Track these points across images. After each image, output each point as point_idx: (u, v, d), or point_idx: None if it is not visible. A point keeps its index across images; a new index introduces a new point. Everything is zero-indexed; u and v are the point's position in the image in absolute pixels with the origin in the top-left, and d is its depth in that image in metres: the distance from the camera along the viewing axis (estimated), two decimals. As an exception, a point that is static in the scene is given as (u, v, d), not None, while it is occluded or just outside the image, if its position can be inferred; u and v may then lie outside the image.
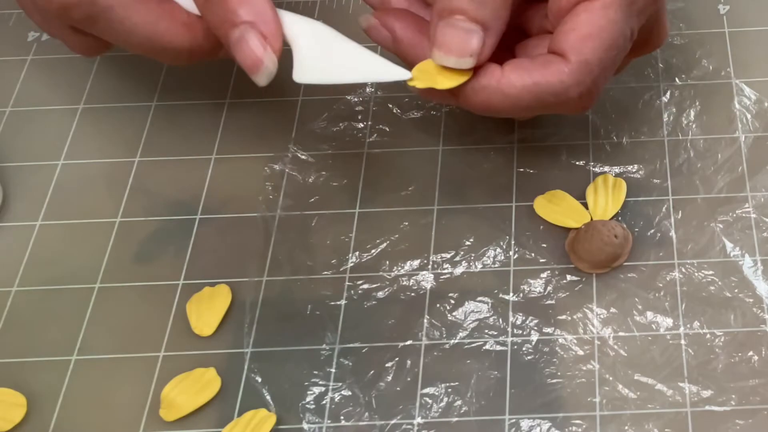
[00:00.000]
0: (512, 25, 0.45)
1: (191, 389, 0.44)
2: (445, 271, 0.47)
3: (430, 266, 0.47)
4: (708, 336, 0.45)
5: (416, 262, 0.47)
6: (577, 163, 0.50)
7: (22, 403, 0.44)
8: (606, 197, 0.48)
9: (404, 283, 0.47)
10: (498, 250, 0.48)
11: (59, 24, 0.46)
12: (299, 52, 0.43)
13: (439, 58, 0.43)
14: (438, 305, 0.46)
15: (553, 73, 0.43)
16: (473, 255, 0.48)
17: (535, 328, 0.45)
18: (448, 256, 0.48)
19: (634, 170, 0.50)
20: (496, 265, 0.47)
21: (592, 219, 0.48)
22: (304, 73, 0.42)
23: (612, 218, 0.48)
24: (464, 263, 0.47)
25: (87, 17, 0.44)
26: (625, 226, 0.47)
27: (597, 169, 0.50)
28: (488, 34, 0.43)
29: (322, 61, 0.42)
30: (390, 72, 0.43)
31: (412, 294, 0.47)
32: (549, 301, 0.46)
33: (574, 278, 0.47)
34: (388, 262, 0.47)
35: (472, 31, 0.43)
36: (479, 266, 0.47)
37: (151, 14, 0.44)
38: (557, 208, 0.48)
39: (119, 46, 0.46)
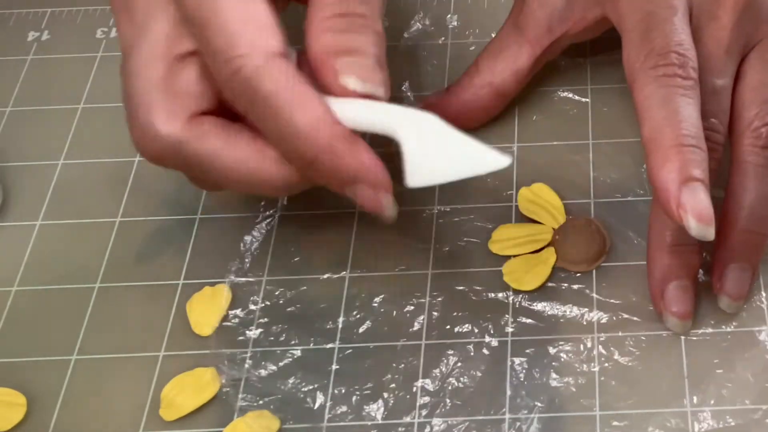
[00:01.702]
0: None
1: (191, 389, 0.44)
2: (446, 270, 0.47)
3: (430, 266, 0.47)
4: (708, 334, 0.45)
5: (417, 262, 0.47)
6: (578, 162, 0.50)
7: (22, 403, 0.44)
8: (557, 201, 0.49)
9: (405, 282, 0.47)
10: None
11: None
12: (409, 155, 0.41)
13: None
14: (439, 305, 0.46)
15: None
16: (474, 255, 0.47)
17: (535, 327, 0.45)
18: (449, 255, 0.48)
19: (633, 169, 0.50)
20: (496, 265, 0.47)
21: (570, 218, 0.48)
22: (416, 176, 0.41)
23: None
24: (464, 263, 0.47)
25: (178, 165, 0.43)
26: (603, 227, 0.47)
27: (596, 172, 0.50)
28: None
29: (433, 161, 0.41)
30: (495, 161, 0.41)
31: (413, 294, 0.46)
32: (549, 301, 0.46)
33: (574, 278, 0.46)
34: (388, 262, 0.47)
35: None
36: (479, 265, 0.47)
37: (240, 156, 0.42)
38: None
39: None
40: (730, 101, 0.46)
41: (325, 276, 0.47)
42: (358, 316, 0.46)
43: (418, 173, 0.41)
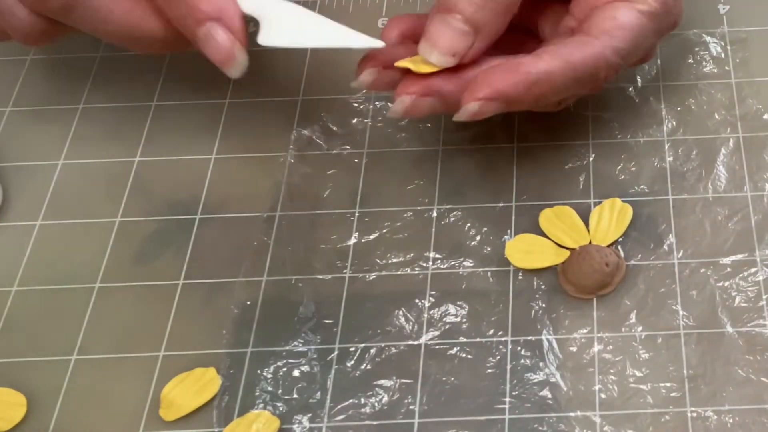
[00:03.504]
0: (520, 28, 0.46)
1: (191, 389, 0.44)
2: (447, 271, 0.47)
3: (430, 266, 0.47)
4: (707, 334, 0.45)
5: (417, 263, 0.47)
6: (578, 162, 0.50)
7: (22, 403, 0.44)
8: (609, 222, 0.48)
9: (405, 282, 0.47)
10: (499, 250, 0.48)
11: (21, 8, 0.45)
12: (267, 20, 0.43)
13: (424, 50, 0.44)
14: (440, 304, 0.46)
15: (590, 53, 0.45)
16: (474, 255, 0.47)
17: (535, 327, 0.45)
18: (449, 256, 0.48)
19: (633, 169, 0.50)
20: (497, 265, 0.47)
21: (590, 242, 0.47)
22: (270, 36, 0.42)
23: (611, 245, 0.48)
24: (465, 263, 0.47)
25: (64, 6, 0.44)
26: (621, 254, 0.47)
27: (596, 172, 0.50)
28: (479, 38, 0.44)
29: (289, 27, 0.43)
30: (361, 39, 0.43)
31: (413, 294, 0.46)
32: (549, 302, 0.46)
33: (574, 278, 0.47)
34: (388, 262, 0.47)
35: (463, 32, 0.44)
36: (480, 266, 0.47)
37: (123, 3, 0.45)
38: (561, 224, 0.48)
39: (93, 35, 0.46)
40: None
41: (326, 276, 0.47)
42: (358, 316, 0.46)
43: (274, 34, 0.43)
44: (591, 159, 0.50)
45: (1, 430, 0.43)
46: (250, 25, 0.45)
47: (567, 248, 0.47)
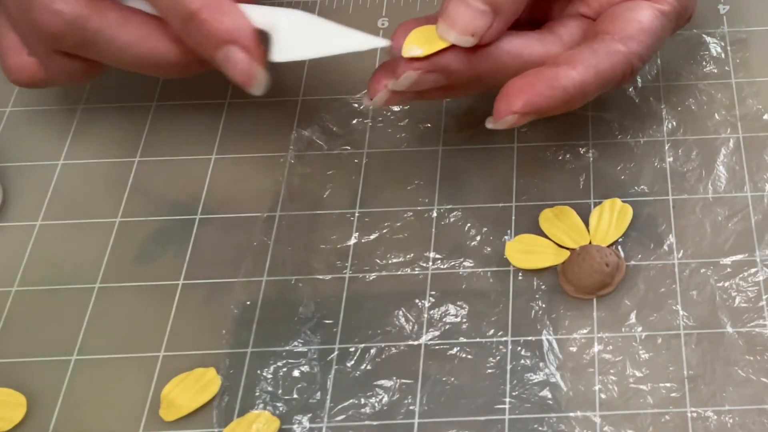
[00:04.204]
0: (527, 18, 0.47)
1: (191, 389, 0.44)
2: (447, 271, 0.47)
3: (430, 266, 0.47)
4: (707, 335, 0.45)
5: (417, 263, 0.47)
6: (578, 162, 0.50)
7: (22, 403, 0.44)
8: (609, 223, 0.48)
9: (405, 282, 0.47)
10: (499, 250, 0.48)
11: (45, 49, 0.46)
12: (277, 34, 0.43)
13: (442, 30, 0.44)
14: (440, 304, 0.46)
15: (618, 61, 0.45)
16: (474, 255, 0.47)
17: (535, 327, 0.45)
18: (449, 256, 0.48)
19: (633, 169, 0.50)
20: (497, 266, 0.47)
21: (591, 242, 0.47)
22: (282, 51, 0.43)
23: (611, 245, 0.48)
24: (465, 263, 0.47)
25: (78, 43, 0.45)
26: (622, 254, 0.47)
27: (595, 183, 0.50)
28: (498, 18, 0.44)
29: (300, 38, 0.43)
30: (368, 41, 0.43)
31: (413, 294, 0.46)
32: (549, 302, 0.46)
33: (574, 278, 0.47)
34: (388, 262, 0.47)
35: (482, 11, 0.44)
36: (480, 266, 0.47)
37: (138, 32, 0.45)
38: (561, 224, 0.48)
39: (113, 66, 0.47)
40: None
41: (325, 276, 0.47)
42: (358, 316, 0.46)
43: (286, 49, 0.43)
44: (591, 159, 0.51)
45: (1, 430, 0.43)
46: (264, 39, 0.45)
47: (567, 248, 0.47)
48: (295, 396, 0.44)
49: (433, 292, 0.46)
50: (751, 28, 0.55)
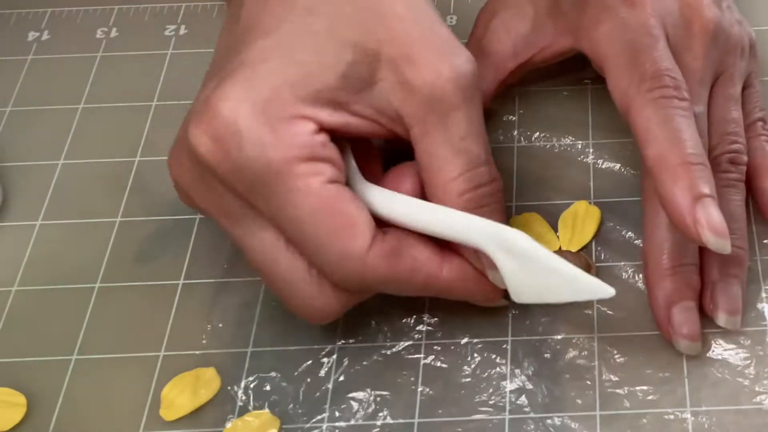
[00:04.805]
0: None
1: (191, 389, 0.44)
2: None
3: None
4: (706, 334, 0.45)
5: (416, 262, 0.47)
6: (578, 162, 0.50)
7: (22, 403, 0.44)
8: (576, 227, 0.48)
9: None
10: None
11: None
12: (510, 276, 0.41)
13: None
14: (441, 304, 0.46)
15: None
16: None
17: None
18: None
19: (633, 169, 0.50)
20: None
21: (560, 248, 0.47)
22: (523, 296, 0.42)
23: (581, 249, 0.47)
24: (464, 263, 0.47)
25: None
26: (592, 261, 0.47)
27: (595, 183, 0.50)
28: None
29: (535, 283, 0.41)
30: (600, 290, 0.41)
31: (413, 298, 0.46)
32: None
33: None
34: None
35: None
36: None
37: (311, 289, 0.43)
38: (529, 232, 0.46)
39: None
40: (707, 126, 0.46)
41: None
42: (359, 315, 0.46)
43: (524, 293, 0.41)
44: (591, 159, 0.50)
45: (1, 430, 0.43)
46: None
47: None
48: (295, 395, 0.44)
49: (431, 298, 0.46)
50: (751, 28, 0.55)
